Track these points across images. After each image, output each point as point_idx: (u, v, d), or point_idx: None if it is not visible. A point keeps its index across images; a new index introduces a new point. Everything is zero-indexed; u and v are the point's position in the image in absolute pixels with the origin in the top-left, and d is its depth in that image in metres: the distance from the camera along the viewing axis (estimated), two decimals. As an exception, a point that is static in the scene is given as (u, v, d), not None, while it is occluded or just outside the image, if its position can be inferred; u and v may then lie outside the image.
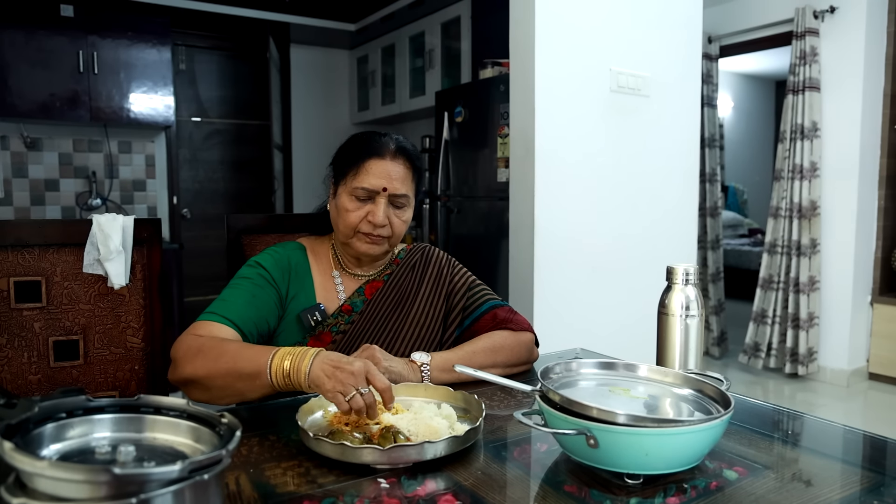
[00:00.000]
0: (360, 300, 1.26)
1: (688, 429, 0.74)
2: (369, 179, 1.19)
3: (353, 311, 1.25)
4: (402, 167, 1.22)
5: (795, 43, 3.73)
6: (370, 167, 1.20)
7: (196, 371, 1.00)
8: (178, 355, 1.04)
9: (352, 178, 1.21)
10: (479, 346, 1.20)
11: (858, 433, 0.96)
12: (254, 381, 0.96)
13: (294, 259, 1.26)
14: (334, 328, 1.23)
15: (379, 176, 1.19)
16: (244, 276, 1.19)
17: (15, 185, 4.05)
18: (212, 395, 1.01)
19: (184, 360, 1.02)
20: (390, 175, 1.20)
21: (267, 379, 0.95)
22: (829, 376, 3.74)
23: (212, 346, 1.02)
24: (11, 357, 1.22)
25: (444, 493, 0.74)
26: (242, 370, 0.97)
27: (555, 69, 2.44)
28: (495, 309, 1.29)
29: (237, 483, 0.76)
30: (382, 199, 1.20)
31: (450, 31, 4.35)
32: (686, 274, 1.02)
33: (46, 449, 0.57)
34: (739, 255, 6.12)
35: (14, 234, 1.22)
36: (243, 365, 0.97)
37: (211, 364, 0.99)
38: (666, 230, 2.85)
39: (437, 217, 3.67)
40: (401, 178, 1.21)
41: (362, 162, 1.20)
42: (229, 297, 1.15)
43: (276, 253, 1.25)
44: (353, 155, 1.23)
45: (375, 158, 1.20)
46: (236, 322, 1.11)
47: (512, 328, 1.26)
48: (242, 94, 4.96)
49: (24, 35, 3.64)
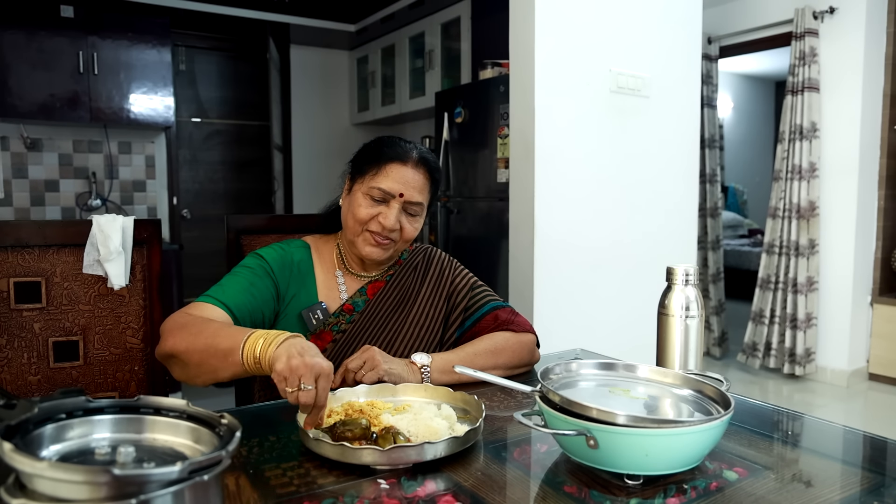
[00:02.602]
0: (361, 300, 1.26)
1: (688, 429, 0.74)
2: (388, 182, 1.20)
3: (355, 310, 1.25)
4: (421, 176, 1.22)
5: (795, 43, 3.73)
6: (391, 170, 1.20)
7: (176, 345, 1.00)
8: (165, 329, 1.05)
9: (371, 177, 1.21)
10: (480, 348, 1.20)
11: (859, 434, 0.96)
12: (226, 359, 0.94)
13: (297, 256, 1.27)
14: (335, 327, 1.23)
15: (398, 180, 1.20)
16: (245, 266, 1.21)
17: (15, 185, 4.05)
18: (189, 372, 1.00)
19: (169, 333, 1.03)
20: (409, 182, 1.20)
21: (238, 357, 0.92)
22: (829, 377, 3.74)
23: (195, 322, 1.03)
24: (11, 358, 1.22)
25: (443, 493, 0.74)
26: (218, 346, 0.96)
27: (554, 70, 2.44)
28: (497, 310, 1.29)
29: (237, 484, 0.76)
30: (396, 204, 1.20)
31: (450, 31, 4.35)
32: (686, 274, 1.02)
33: (46, 450, 0.57)
34: (739, 256, 6.12)
35: (14, 234, 1.22)
36: (220, 341, 0.96)
37: (191, 339, 0.99)
38: (666, 231, 2.85)
39: (437, 217, 3.67)
40: (419, 187, 1.22)
41: (384, 164, 1.21)
42: (227, 283, 1.16)
43: (280, 249, 1.26)
44: (376, 155, 1.23)
45: (398, 163, 1.21)
46: (230, 306, 1.11)
47: (513, 329, 1.26)
48: (242, 94, 4.96)
49: (24, 36, 3.64)
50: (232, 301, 1.12)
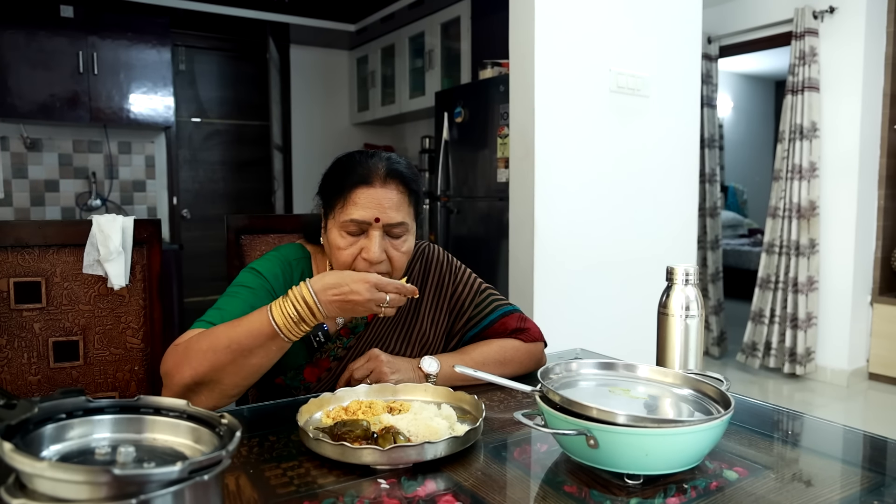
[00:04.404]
0: (361, 322, 1.19)
1: (688, 429, 0.74)
2: (358, 211, 1.05)
3: (353, 333, 1.18)
4: (394, 192, 1.08)
5: (795, 43, 3.73)
6: (358, 197, 1.06)
7: (196, 370, 0.94)
8: (168, 368, 0.97)
9: (339, 210, 1.07)
10: (488, 357, 1.16)
11: (859, 433, 0.96)
12: (268, 347, 0.94)
13: (297, 267, 1.18)
14: (332, 353, 1.17)
15: (368, 206, 1.05)
16: (241, 284, 1.12)
17: (15, 185, 4.05)
18: (222, 388, 0.95)
19: (176, 368, 0.95)
20: (381, 204, 1.06)
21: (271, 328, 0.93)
22: (829, 376, 3.74)
23: (198, 340, 0.96)
24: (11, 358, 1.22)
25: (444, 493, 0.74)
26: (249, 344, 0.93)
27: (554, 69, 2.44)
28: (505, 317, 1.23)
29: (237, 484, 0.76)
30: (376, 232, 1.06)
31: (449, 31, 4.35)
32: (686, 274, 1.02)
33: (46, 450, 0.57)
34: (739, 255, 6.12)
35: (14, 234, 1.22)
36: (246, 339, 0.93)
37: (210, 356, 0.93)
38: (666, 230, 2.86)
39: (437, 217, 3.67)
40: (394, 206, 1.07)
41: (349, 192, 1.07)
42: (224, 306, 1.07)
43: (278, 259, 1.17)
44: (338, 183, 1.09)
45: (363, 187, 1.06)
46: None
47: (523, 339, 1.22)
48: (242, 94, 4.96)
49: (24, 36, 3.64)
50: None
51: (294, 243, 1.25)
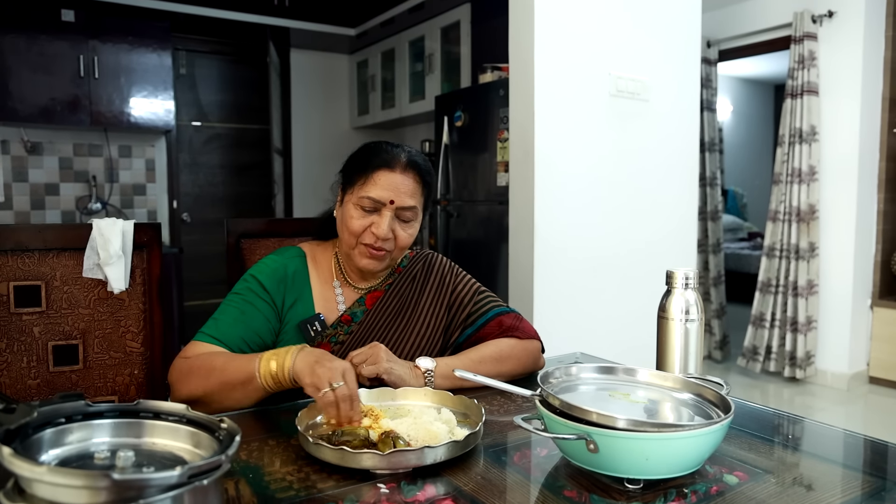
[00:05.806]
0: (360, 310, 1.24)
1: (688, 433, 0.74)
2: (377, 190, 1.17)
3: (353, 321, 1.23)
4: (411, 180, 1.19)
5: (794, 47, 3.74)
6: (379, 178, 1.17)
7: (192, 391, 1.05)
8: (173, 379, 1.09)
9: (359, 187, 1.19)
10: (485, 354, 1.19)
11: (859, 437, 0.96)
12: (247, 388, 1.02)
13: (291, 268, 1.24)
14: (333, 339, 1.21)
15: (386, 188, 1.17)
16: (236, 293, 1.20)
17: (15, 189, 4.05)
18: (212, 409, 1.05)
19: (178, 383, 1.08)
20: (398, 188, 1.17)
21: (259, 382, 1.00)
22: (830, 380, 3.74)
23: (200, 364, 1.07)
24: (11, 361, 1.22)
25: (443, 497, 0.74)
26: (235, 380, 1.02)
27: (554, 73, 2.45)
28: (501, 316, 1.26)
29: (236, 488, 0.76)
30: (388, 212, 1.17)
31: (449, 35, 4.36)
32: (686, 278, 1.02)
33: (45, 454, 0.57)
34: (739, 259, 6.12)
35: (14, 238, 1.22)
36: (234, 375, 1.03)
37: (204, 382, 1.04)
38: (666, 234, 2.85)
39: (437, 221, 3.67)
40: (409, 192, 1.19)
41: (371, 172, 1.18)
42: (220, 316, 1.16)
43: (274, 263, 1.23)
44: (362, 163, 1.20)
45: (385, 170, 1.18)
46: (224, 341, 1.13)
47: (518, 336, 1.24)
48: (242, 98, 4.97)
49: (25, 40, 3.65)
50: (226, 335, 1.13)
51: (294, 246, 1.30)
